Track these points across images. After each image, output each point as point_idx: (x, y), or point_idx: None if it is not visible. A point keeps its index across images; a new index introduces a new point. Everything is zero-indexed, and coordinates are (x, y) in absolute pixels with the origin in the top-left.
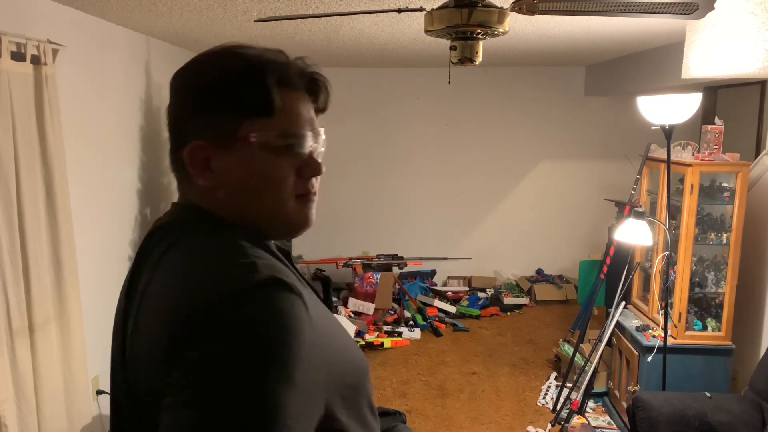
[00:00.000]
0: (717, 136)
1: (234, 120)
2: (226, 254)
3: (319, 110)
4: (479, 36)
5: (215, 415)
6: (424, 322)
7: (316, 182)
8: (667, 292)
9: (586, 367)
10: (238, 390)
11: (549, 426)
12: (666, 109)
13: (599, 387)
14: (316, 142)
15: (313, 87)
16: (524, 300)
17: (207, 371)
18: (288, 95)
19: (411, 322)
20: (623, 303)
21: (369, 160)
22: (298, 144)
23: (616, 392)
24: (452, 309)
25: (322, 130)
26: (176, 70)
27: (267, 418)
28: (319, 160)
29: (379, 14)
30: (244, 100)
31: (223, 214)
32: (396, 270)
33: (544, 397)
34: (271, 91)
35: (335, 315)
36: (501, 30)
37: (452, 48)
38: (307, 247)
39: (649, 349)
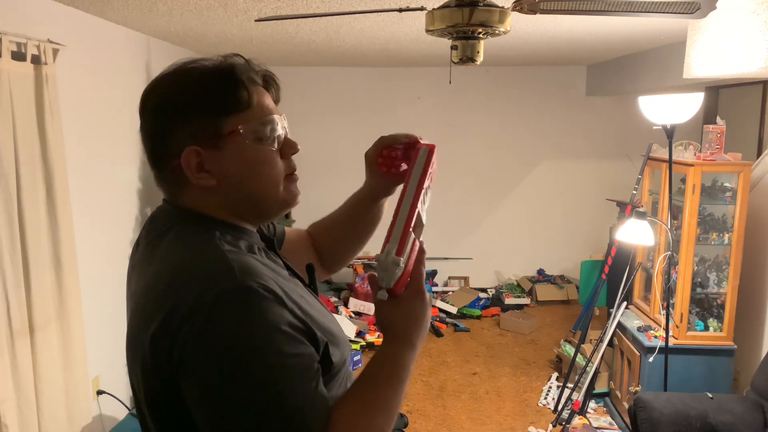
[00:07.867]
0: (719, 135)
1: (218, 120)
2: (208, 259)
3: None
4: (480, 35)
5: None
6: None
7: (293, 162)
8: (668, 292)
9: (588, 368)
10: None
11: (550, 426)
12: (667, 108)
13: (600, 387)
14: (284, 126)
15: (268, 82)
16: (525, 300)
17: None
18: (254, 89)
19: None
20: (624, 303)
21: None
22: (275, 128)
23: (618, 393)
24: (453, 309)
25: (283, 116)
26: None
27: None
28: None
29: (379, 14)
30: (225, 100)
31: (215, 211)
32: None
33: (546, 398)
34: (247, 87)
35: (336, 315)
36: (502, 30)
37: (453, 47)
38: None
39: (651, 350)
